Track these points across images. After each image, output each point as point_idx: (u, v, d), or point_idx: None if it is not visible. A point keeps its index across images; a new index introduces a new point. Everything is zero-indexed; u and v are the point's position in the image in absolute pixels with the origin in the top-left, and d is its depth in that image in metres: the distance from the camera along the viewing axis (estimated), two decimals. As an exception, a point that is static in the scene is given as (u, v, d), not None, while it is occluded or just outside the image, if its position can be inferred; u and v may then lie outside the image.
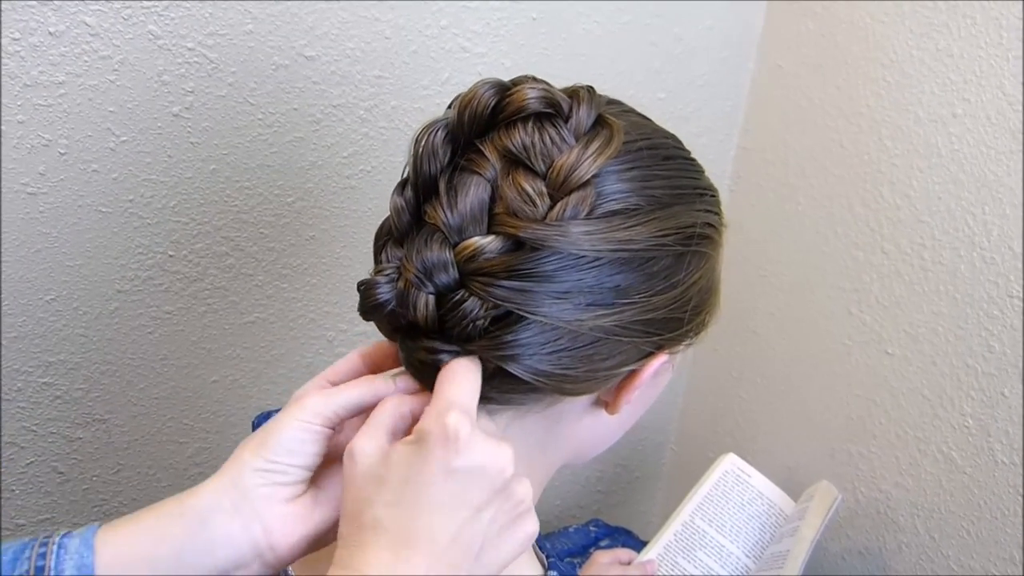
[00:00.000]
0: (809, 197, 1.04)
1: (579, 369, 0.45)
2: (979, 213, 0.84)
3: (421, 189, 0.45)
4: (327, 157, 0.88)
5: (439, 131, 0.45)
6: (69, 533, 0.41)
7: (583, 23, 0.95)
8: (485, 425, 0.49)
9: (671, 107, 1.07)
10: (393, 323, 0.46)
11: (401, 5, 0.84)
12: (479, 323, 0.43)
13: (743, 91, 1.12)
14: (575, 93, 0.45)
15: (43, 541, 0.41)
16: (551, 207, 0.43)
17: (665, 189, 0.46)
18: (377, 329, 0.48)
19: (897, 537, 0.97)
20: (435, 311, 0.43)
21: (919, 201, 0.90)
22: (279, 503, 0.44)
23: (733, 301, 0.53)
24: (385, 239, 0.47)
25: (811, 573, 0.85)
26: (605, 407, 0.51)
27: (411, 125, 0.90)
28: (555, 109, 0.44)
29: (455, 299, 0.43)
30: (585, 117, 0.45)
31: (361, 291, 0.45)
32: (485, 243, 0.43)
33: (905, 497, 0.95)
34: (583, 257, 0.42)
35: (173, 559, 0.41)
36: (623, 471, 1.38)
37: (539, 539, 0.65)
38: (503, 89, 0.45)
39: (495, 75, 0.99)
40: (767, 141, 1.10)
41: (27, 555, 0.40)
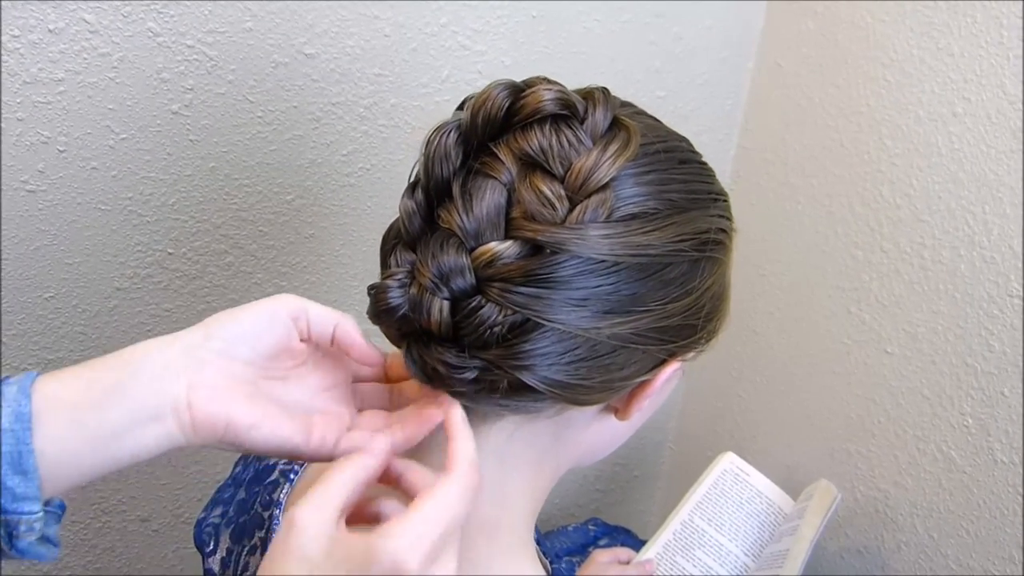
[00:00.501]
0: (809, 196, 1.04)
1: (594, 379, 0.44)
2: (979, 212, 0.84)
3: (433, 192, 0.44)
4: (326, 155, 0.88)
5: (451, 133, 0.44)
6: (7, 379, 0.40)
7: (583, 21, 0.95)
8: (488, 440, 0.49)
9: (671, 106, 1.07)
10: (403, 328, 0.45)
11: (401, 3, 0.84)
12: (496, 330, 0.42)
13: (743, 90, 1.12)
14: (590, 95, 0.45)
15: None
16: (570, 210, 0.42)
17: (682, 193, 0.46)
18: (383, 333, 0.47)
19: (896, 536, 0.97)
20: (450, 317, 0.42)
21: (919, 200, 0.90)
22: (215, 369, 0.42)
23: (733, 300, 0.53)
24: (394, 242, 0.46)
25: (810, 572, 0.85)
26: (615, 413, 0.51)
27: (411, 123, 0.90)
28: (571, 111, 0.44)
29: (471, 305, 0.42)
30: (601, 119, 0.44)
31: (372, 295, 0.44)
32: (503, 248, 0.42)
33: (904, 496, 0.95)
34: (602, 262, 0.42)
35: (95, 403, 0.40)
36: (622, 470, 1.38)
37: (538, 538, 0.64)
38: (517, 91, 0.44)
39: (495, 73, 0.98)
40: (767, 140, 1.10)
41: None
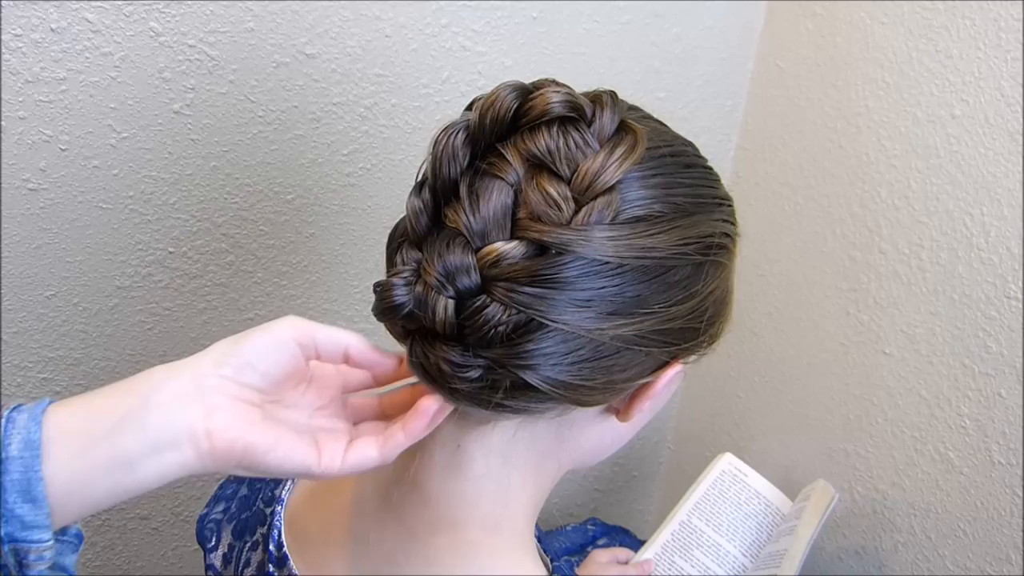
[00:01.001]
0: (807, 197, 1.05)
1: (597, 380, 0.44)
2: (977, 214, 0.84)
3: (440, 192, 0.45)
4: (327, 155, 0.88)
5: (459, 133, 0.44)
6: (20, 407, 0.40)
7: (583, 22, 0.95)
8: (489, 441, 0.49)
9: (671, 107, 1.08)
10: (407, 326, 0.45)
11: (402, 4, 0.84)
12: (500, 329, 0.42)
13: (743, 91, 1.12)
14: (598, 97, 0.45)
15: None
16: (576, 212, 0.42)
17: (687, 197, 0.46)
18: (387, 330, 0.48)
19: (894, 537, 0.97)
20: (454, 316, 0.43)
21: (917, 202, 0.90)
22: (227, 396, 0.43)
23: (731, 300, 0.54)
24: (400, 240, 0.46)
25: (808, 572, 0.86)
26: (616, 414, 0.51)
27: (411, 123, 0.91)
28: (578, 113, 0.44)
29: (476, 304, 0.42)
30: (608, 122, 0.44)
31: (377, 292, 0.45)
32: (508, 248, 0.42)
33: (902, 497, 0.96)
34: (606, 264, 0.42)
35: (107, 432, 0.40)
36: (621, 470, 1.38)
37: (539, 536, 0.65)
38: (525, 92, 0.44)
39: (495, 74, 0.98)
40: (766, 141, 1.11)
41: None
